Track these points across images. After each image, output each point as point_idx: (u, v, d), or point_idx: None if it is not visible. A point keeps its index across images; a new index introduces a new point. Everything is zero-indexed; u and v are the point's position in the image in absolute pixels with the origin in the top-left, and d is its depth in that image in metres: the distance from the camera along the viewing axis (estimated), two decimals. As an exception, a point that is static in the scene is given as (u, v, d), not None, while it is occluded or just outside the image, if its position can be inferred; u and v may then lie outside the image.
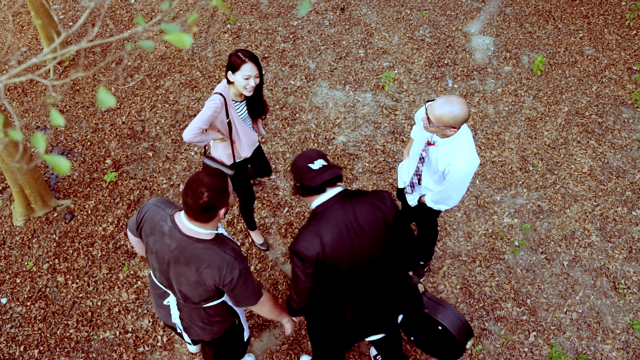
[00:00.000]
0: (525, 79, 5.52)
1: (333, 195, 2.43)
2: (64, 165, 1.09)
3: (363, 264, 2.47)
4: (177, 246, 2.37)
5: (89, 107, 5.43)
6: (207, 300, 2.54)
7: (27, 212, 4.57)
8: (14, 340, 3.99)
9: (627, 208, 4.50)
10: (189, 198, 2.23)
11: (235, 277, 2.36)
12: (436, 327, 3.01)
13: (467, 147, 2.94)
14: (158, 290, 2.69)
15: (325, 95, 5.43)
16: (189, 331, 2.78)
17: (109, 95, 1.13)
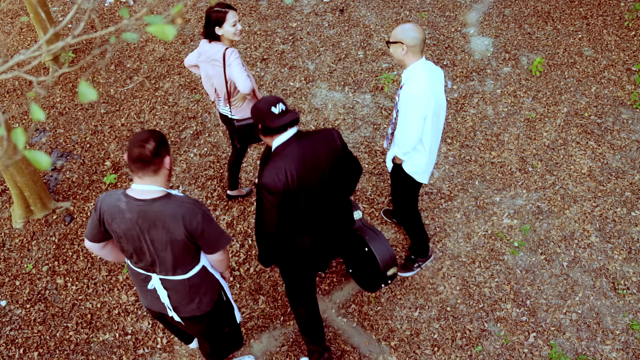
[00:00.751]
0: (524, 80, 5.53)
1: (291, 135, 2.77)
2: (44, 161, 1.09)
3: (321, 192, 2.84)
4: (138, 215, 2.44)
5: (88, 109, 5.43)
6: (186, 265, 2.63)
7: (27, 214, 4.57)
8: (14, 343, 3.99)
9: (627, 209, 4.50)
10: (135, 150, 2.36)
11: (199, 221, 2.46)
12: (363, 248, 3.49)
13: (420, 79, 3.12)
14: (140, 277, 2.73)
15: (324, 97, 5.43)
16: (179, 309, 2.81)
17: (90, 88, 1.13)
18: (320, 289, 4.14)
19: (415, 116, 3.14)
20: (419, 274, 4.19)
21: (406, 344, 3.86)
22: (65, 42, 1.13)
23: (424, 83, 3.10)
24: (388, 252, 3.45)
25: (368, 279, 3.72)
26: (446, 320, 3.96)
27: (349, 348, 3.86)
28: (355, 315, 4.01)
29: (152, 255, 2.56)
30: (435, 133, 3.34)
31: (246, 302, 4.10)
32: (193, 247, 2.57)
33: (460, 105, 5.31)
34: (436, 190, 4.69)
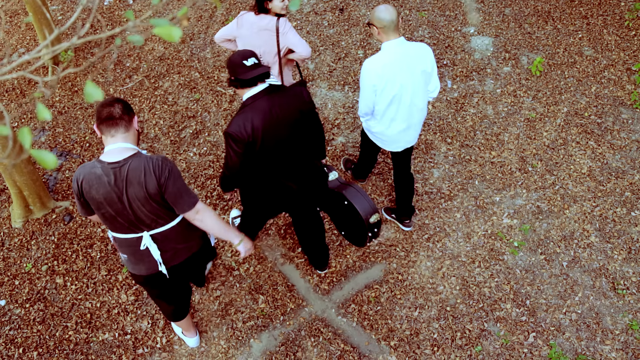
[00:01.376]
0: (524, 80, 5.52)
1: (262, 89, 2.93)
2: (50, 160, 1.09)
3: (286, 144, 3.04)
4: (115, 177, 2.57)
5: (87, 108, 5.42)
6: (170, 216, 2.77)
7: (26, 213, 4.56)
8: (13, 342, 3.98)
9: (627, 209, 4.50)
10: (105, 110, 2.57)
11: (166, 175, 2.60)
12: (343, 202, 3.71)
13: (381, 55, 3.40)
14: (131, 243, 2.81)
15: (324, 96, 5.42)
16: (173, 259, 2.94)
17: (96, 88, 1.14)
18: (320, 288, 4.14)
19: (363, 86, 3.48)
20: (419, 274, 4.19)
21: (406, 343, 3.86)
22: (70, 44, 1.13)
23: (381, 59, 3.38)
24: (366, 201, 3.65)
25: (357, 233, 3.90)
26: (446, 320, 3.96)
27: (349, 348, 3.85)
28: (354, 314, 4.01)
29: (135, 213, 2.66)
30: (396, 107, 3.55)
31: (246, 301, 4.10)
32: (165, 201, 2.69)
33: (460, 105, 5.31)
34: (436, 190, 4.68)
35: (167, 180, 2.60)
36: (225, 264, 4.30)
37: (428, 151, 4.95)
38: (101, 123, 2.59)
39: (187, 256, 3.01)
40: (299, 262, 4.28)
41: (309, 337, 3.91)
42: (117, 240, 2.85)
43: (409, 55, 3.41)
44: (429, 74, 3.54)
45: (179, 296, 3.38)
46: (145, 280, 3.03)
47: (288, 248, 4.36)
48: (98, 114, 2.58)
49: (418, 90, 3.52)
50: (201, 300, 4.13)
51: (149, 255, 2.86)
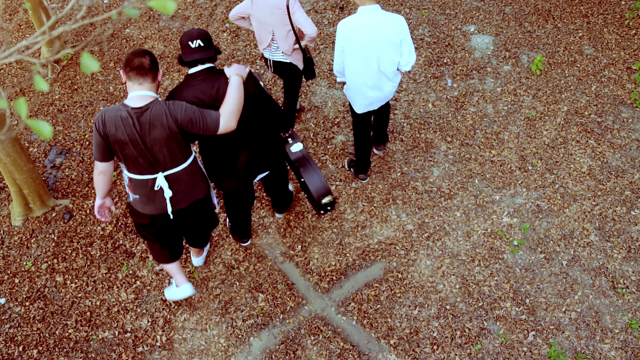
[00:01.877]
0: (524, 78, 5.52)
1: (202, 69, 3.12)
2: (46, 130, 1.10)
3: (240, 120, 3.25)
4: (139, 120, 2.88)
5: (87, 106, 5.42)
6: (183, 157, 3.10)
7: (26, 212, 4.56)
8: (13, 341, 3.99)
9: (626, 208, 4.50)
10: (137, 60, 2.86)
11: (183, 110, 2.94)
12: (300, 179, 3.85)
13: (351, 17, 3.66)
14: (146, 184, 3.10)
15: (324, 95, 5.42)
16: (180, 201, 3.22)
17: (92, 60, 1.14)
18: (320, 287, 4.14)
19: (335, 45, 3.79)
20: (418, 273, 4.19)
21: (405, 342, 3.86)
22: (67, 27, 1.13)
23: (350, 22, 3.62)
24: (320, 183, 3.73)
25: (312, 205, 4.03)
26: (445, 318, 3.96)
27: (349, 346, 3.86)
28: (354, 313, 4.01)
29: (154, 154, 2.98)
30: (363, 70, 3.79)
31: (246, 300, 4.10)
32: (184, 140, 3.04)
33: (460, 104, 5.31)
34: (436, 188, 4.68)
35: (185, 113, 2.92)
36: (225, 262, 4.30)
37: (428, 150, 4.95)
38: (131, 70, 2.87)
39: (192, 200, 3.27)
40: (298, 261, 4.29)
41: (309, 336, 3.91)
42: (133, 181, 3.12)
43: (378, 23, 3.59)
44: (397, 45, 3.70)
45: (174, 241, 3.63)
46: (151, 219, 3.29)
47: (288, 246, 4.36)
48: (129, 61, 2.86)
49: (384, 58, 3.73)
50: (201, 298, 4.13)
51: (160, 196, 3.14)
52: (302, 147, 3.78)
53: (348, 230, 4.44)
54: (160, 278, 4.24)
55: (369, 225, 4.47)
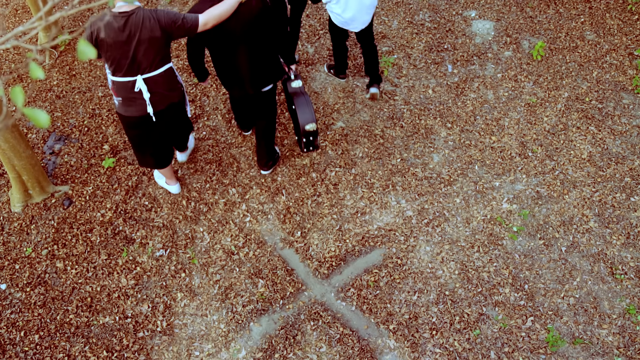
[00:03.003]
0: (525, 64, 5.49)
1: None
2: (43, 118, 1.10)
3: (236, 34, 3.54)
4: (124, 23, 3.20)
5: (85, 92, 5.39)
6: (162, 62, 3.45)
7: (25, 198, 4.56)
8: (14, 326, 4.01)
9: (626, 194, 4.50)
10: None
11: (166, 14, 3.27)
12: (292, 106, 4.19)
13: None
14: (127, 86, 3.47)
15: (324, 80, 5.39)
16: (159, 103, 3.60)
17: (89, 46, 1.14)
18: (320, 272, 4.16)
19: None
20: (418, 259, 4.20)
21: (405, 327, 3.89)
22: (64, 13, 1.12)
23: None
24: (309, 113, 4.10)
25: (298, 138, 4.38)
26: (445, 304, 3.98)
27: (348, 331, 3.88)
28: (354, 299, 4.03)
29: (135, 57, 3.31)
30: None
31: (245, 285, 4.11)
32: (165, 45, 3.39)
33: (460, 90, 5.28)
34: (436, 174, 4.68)
35: (167, 15, 3.25)
36: (225, 249, 4.31)
37: (428, 136, 4.93)
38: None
39: (169, 103, 3.67)
40: (298, 247, 4.29)
41: (309, 321, 3.93)
42: (116, 83, 3.48)
43: None
44: None
45: (160, 146, 4.00)
46: (136, 121, 3.68)
47: (287, 232, 4.37)
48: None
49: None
50: (201, 284, 4.14)
51: (140, 97, 3.51)
52: (301, 84, 4.19)
53: (348, 217, 4.44)
54: (160, 264, 4.25)
55: (369, 212, 4.47)
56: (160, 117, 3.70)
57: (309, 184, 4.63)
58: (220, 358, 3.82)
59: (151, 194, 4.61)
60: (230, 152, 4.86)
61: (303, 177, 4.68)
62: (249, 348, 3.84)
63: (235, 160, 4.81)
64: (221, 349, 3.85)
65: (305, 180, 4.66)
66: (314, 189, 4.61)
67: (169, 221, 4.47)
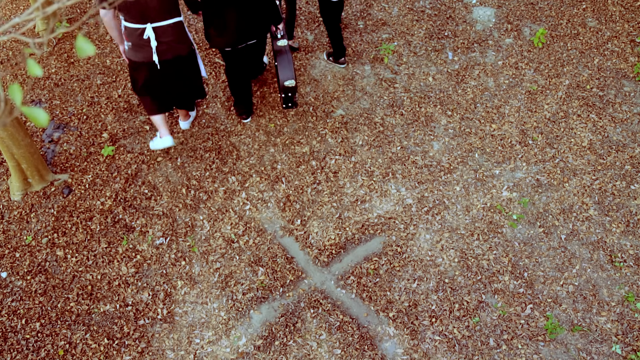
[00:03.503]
0: (526, 52, 5.45)
1: None
2: (42, 118, 1.08)
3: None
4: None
5: (84, 80, 5.36)
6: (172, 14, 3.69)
7: (25, 186, 4.55)
8: (16, 314, 4.02)
9: (626, 182, 4.50)
10: None
11: None
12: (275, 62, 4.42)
13: None
14: (136, 32, 3.71)
15: (323, 68, 5.36)
16: (165, 53, 3.81)
17: (88, 43, 1.12)
18: (320, 260, 4.16)
19: None
20: (417, 247, 4.21)
21: (404, 315, 3.90)
22: (61, 4, 1.10)
23: None
24: (289, 71, 4.34)
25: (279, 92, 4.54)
26: (444, 291, 4.00)
27: (348, 319, 3.90)
28: (354, 286, 4.04)
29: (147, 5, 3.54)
30: None
31: (245, 273, 4.12)
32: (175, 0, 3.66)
33: (461, 77, 5.26)
34: (436, 162, 4.67)
35: None
36: (225, 236, 4.31)
37: (428, 123, 4.92)
38: None
39: (177, 54, 3.86)
40: (298, 235, 4.30)
41: (309, 309, 3.95)
42: (127, 29, 3.72)
43: None
44: None
45: (162, 93, 4.16)
46: (142, 66, 3.87)
47: (287, 221, 4.37)
48: None
49: None
50: (201, 272, 4.15)
51: (148, 45, 3.73)
52: (286, 43, 4.39)
53: (347, 205, 4.44)
54: (160, 252, 4.26)
55: (369, 200, 4.47)
56: (165, 67, 3.89)
57: (309, 172, 4.63)
58: (220, 345, 3.84)
59: (151, 182, 4.61)
60: (229, 140, 4.85)
61: (303, 165, 4.67)
62: (249, 335, 3.86)
63: (234, 148, 4.80)
64: (221, 336, 3.87)
65: (305, 168, 4.65)
66: (314, 177, 4.60)
67: (169, 209, 4.47)
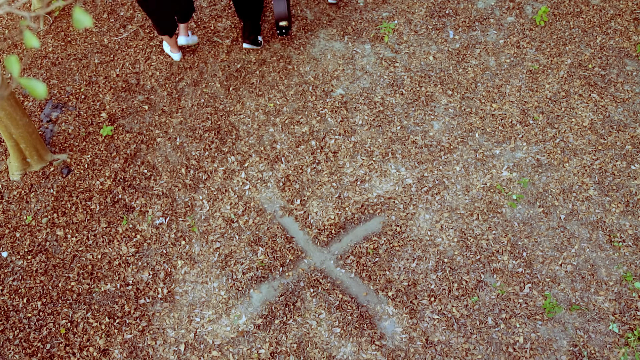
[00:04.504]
0: (528, 30, 5.39)
1: None
2: (40, 89, 1.08)
3: None
4: None
5: (81, 59, 5.31)
6: None
7: (23, 166, 4.54)
8: (17, 293, 4.04)
9: (626, 162, 4.49)
10: None
11: None
12: None
13: None
14: None
15: (323, 47, 5.31)
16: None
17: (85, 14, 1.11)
18: (319, 240, 4.17)
19: None
20: (417, 226, 4.21)
21: (403, 294, 3.93)
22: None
23: None
24: (282, 10, 4.68)
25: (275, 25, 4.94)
26: (443, 271, 4.01)
27: (347, 298, 3.92)
28: (353, 266, 4.06)
29: None
30: None
31: (245, 253, 4.14)
32: None
33: (461, 56, 5.21)
34: (436, 142, 4.65)
35: None
36: (224, 216, 4.31)
37: (428, 103, 4.88)
38: None
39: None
40: (297, 215, 4.30)
41: (308, 288, 3.97)
42: None
43: None
44: None
45: (166, 18, 4.67)
46: None
47: (287, 200, 4.37)
48: None
49: None
50: (201, 251, 4.17)
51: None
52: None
53: (347, 185, 4.44)
54: (160, 232, 4.26)
55: (368, 180, 4.46)
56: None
57: (308, 152, 4.61)
58: (221, 324, 3.87)
59: (150, 162, 4.60)
60: (229, 119, 4.82)
61: (302, 145, 4.65)
62: (249, 314, 3.89)
63: (234, 128, 4.77)
64: (222, 315, 3.90)
65: (305, 148, 4.63)
66: (314, 156, 4.59)
67: (168, 189, 4.46)
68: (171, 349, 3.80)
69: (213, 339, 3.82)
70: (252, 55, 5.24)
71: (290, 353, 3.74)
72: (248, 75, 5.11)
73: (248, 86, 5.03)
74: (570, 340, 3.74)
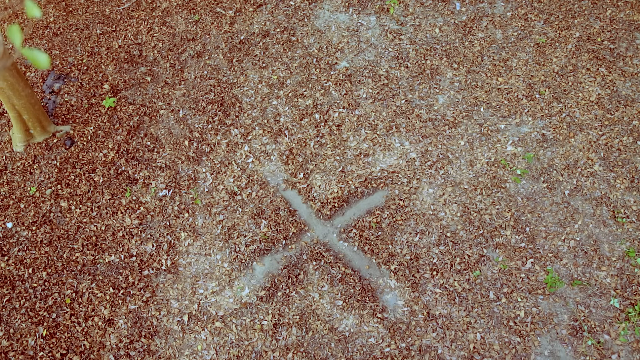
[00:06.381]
0: (536, 2, 5.29)
1: None
2: (43, 59, 1.06)
3: None
4: None
5: (83, 29, 5.25)
6: None
7: (27, 137, 4.53)
8: (22, 263, 4.08)
9: (633, 138, 4.44)
10: None
11: None
12: None
13: None
14: None
15: (327, 18, 5.23)
16: None
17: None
18: (322, 214, 4.18)
19: None
20: (420, 201, 4.21)
21: (406, 267, 3.94)
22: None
23: None
24: None
25: None
26: (446, 245, 4.02)
27: (350, 271, 3.94)
28: (356, 240, 4.07)
29: None
30: None
31: (248, 226, 4.15)
32: None
33: (468, 29, 5.12)
34: (440, 116, 4.61)
35: None
36: (227, 189, 4.31)
37: (433, 76, 4.82)
38: None
39: None
40: (301, 188, 4.30)
41: (311, 261, 3.99)
42: None
43: None
44: None
45: None
46: None
47: (290, 174, 4.36)
48: None
49: None
50: (204, 224, 4.18)
51: None
52: None
53: (351, 158, 4.42)
54: (163, 204, 4.27)
55: (372, 153, 4.44)
56: None
57: (312, 125, 4.58)
58: (224, 296, 3.90)
59: (153, 135, 4.58)
60: (232, 92, 4.79)
61: (306, 118, 4.62)
62: (252, 286, 3.92)
63: (237, 100, 4.74)
64: (225, 287, 3.93)
65: (308, 121, 4.60)
66: (317, 130, 4.56)
67: (172, 162, 4.46)
68: (175, 320, 3.85)
69: (216, 310, 3.86)
70: (256, 27, 5.17)
71: (292, 325, 3.78)
72: (251, 47, 5.05)
73: (251, 58, 4.98)
74: (571, 315, 3.76)
